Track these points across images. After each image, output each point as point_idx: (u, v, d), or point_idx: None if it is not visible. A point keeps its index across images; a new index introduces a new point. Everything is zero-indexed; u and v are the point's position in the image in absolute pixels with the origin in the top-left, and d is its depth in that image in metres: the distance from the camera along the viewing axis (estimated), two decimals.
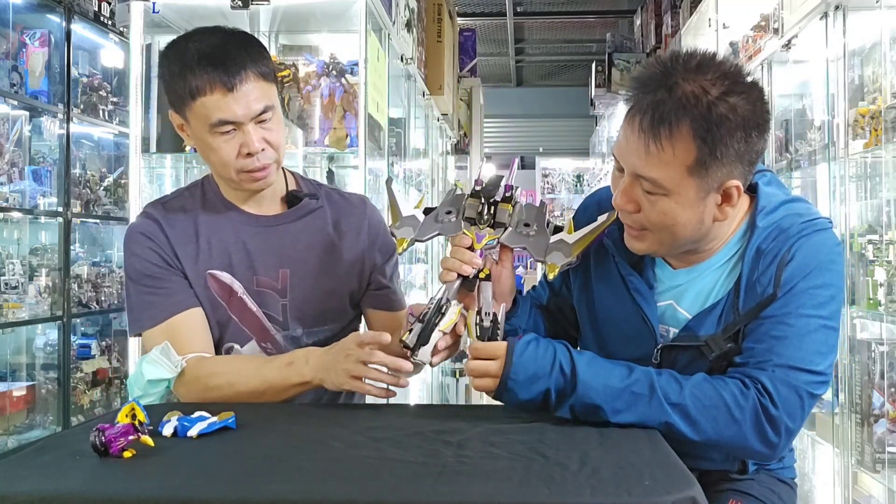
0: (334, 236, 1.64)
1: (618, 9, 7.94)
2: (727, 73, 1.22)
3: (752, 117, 1.22)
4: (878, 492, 2.55)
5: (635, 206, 1.27)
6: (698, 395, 1.20)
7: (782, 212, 1.31)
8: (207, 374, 1.48)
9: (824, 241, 1.29)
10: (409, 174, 3.92)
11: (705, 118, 1.19)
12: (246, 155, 1.48)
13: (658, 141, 1.20)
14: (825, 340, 1.25)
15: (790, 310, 1.24)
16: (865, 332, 2.68)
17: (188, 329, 1.53)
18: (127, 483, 1.00)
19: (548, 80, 11.13)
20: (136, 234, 1.57)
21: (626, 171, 1.27)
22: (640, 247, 1.32)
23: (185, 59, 1.46)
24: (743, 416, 1.20)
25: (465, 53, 6.26)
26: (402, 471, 1.02)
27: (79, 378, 3.69)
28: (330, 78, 2.47)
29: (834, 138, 2.74)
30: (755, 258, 1.28)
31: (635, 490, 0.94)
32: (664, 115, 1.19)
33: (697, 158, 1.20)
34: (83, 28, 3.75)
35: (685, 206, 1.24)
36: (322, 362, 1.42)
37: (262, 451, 1.13)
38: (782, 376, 1.21)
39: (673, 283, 1.37)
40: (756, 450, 1.23)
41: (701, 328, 1.31)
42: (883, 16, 2.58)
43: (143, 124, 2.47)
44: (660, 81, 1.22)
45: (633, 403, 1.20)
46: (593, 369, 1.23)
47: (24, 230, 3.54)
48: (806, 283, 1.25)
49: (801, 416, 1.23)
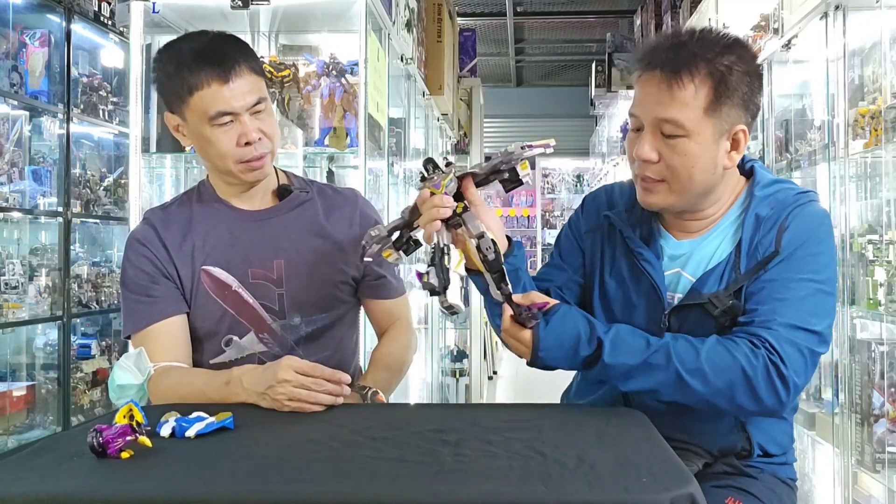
0: (326, 225, 1.68)
1: (618, 9, 7.94)
2: (725, 37, 1.41)
3: (752, 67, 1.40)
4: (878, 492, 2.54)
5: (657, 154, 1.39)
6: (714, 358, 1.30)
7: (776, 187, 1.47)
8: (165, 386, 1.52)
9: (816, 211, 1.44)
10: (409, 174, 3.92)
11: (717, 64, 1.36)
12: (244, 144, 1.54)
13: (680, 81, 1.35)
14: (822, 304, 1.37)
15: (790, 274, 1.37)
16: (865, 332, 2.68)
17: (165, 337, 1.57)
18: (125, 484, 1.00)
19: (548, 80, 11.12)
20: (133, 240, 1.64)
21: (646, 122, 1.39)
22: (654, 200, 1.43)
23: (180, 59, 1.51)
24: (755, 374, 1.29)
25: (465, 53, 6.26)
26: (400, 470, 1.02)
27: (79, 378, 3.69)
28: (330, 78, 2.47)
29: (834, 138, 2.74)
30: (756, 223, 1.42)
31: (633, 487, 0.94)
32: (683, 61, 1.36)
33: (714, 98, 1.36)
34: (83, 28, 3.75)
35: (703, 147, 1.37)
36: (255, 384, 1.41)
37: (259, 452, 1.13)
38: (786, 335, 1.32)
39: (678, 253, 1.49)
40: (768, 405, 1.32)
41: (704, 287, 1.42)
42: (883, 16, 2.58)
43: (143, 124, 2.47)
44: (672, 44, 1.39)
45: (651, 374, 1.32)
46: (615, 349, 1.33)
47: (24, 230, 3.55)
48: (804, 250, 1.38)
49: (805, 372, 1.33)
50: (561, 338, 1.35)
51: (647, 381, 1.32)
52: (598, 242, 1.57)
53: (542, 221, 11.03)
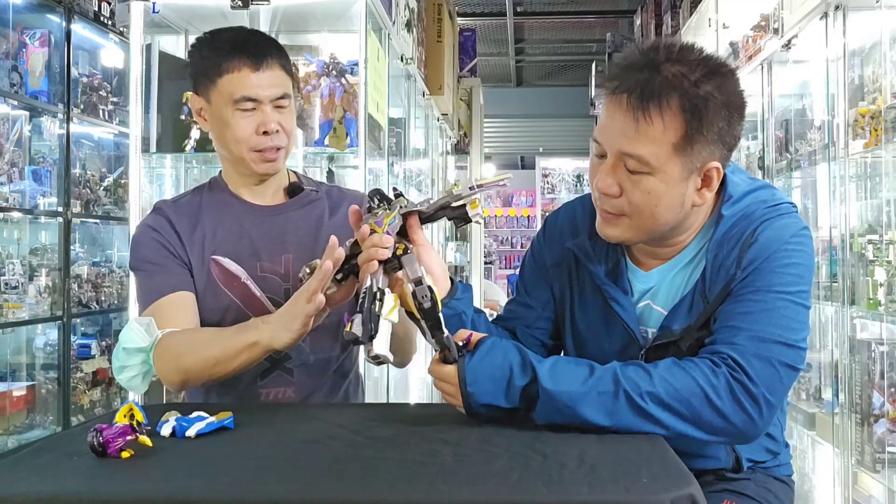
0: (333, 222, 1.69)
1: (618, 9, 7.94)
2: (706, 59, 1.26)
3: (734, 99, 1.25)
4: (878, 492, 2.54)
5: (618, 188, 1.26)
6: (668, 378, 1.18)
7: (748, 200, 1.33)
8: (176, 342, 1.51)
9: (788, 224, 1.30)
10: (409, 174, 3.92)
11: (692, 95, 1.21)
12: (262, 133, 1.57)
13: (648, 115, 1.21)
14: (794, 316, 1.24)
15: (755, 287, 1.25)
16: (865, 332, 2.68)
17: (173, 308, 1.57)
18: (125, 483, 0.99)
19: (548, 80, 11.13)
20: (146, 227, 1.65)
21: (609, 152, 1.27)
22: (613, 233, 1.32)
23: (216, 44, 1.59)
24: (718, 394, 1.17)
25: (465, 53, 6.27)
26: (400, 470, 1.02)
27: (79, 378, 3.69)
28: (330, 78, 2.47)
29: (834, 138, 2.74)
30: (718, 245, 1.30)
31: (633, 487, 0.94)
32: (653, 90, 1.21)
33: (685, 134, 1.22)
34: (83, 28, 3.75)
35: (669, 186, 1.25)
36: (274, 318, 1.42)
37: (260, 451, 1.13)
38: (753, 349, 1.20)
39: (647, 285, 1.38)
40: (738, 426, 1.19)
41: (675, 322, 1.32)
42: (883, 16, 2.58)
43: (143, 124, 2.47)
44: (645, 64, 1.24)
45: (600, 404, 1.17)
46: (555, 376, 1.19)
47: (24, 230, 3.55)
48: (770, 264, 1.26)
49: (780, 388, 1.21)
50: (490, 368, 1.21)
51: (597, 411, 1.17)
52: (565, 277, 1.46)
53: (542, 221, 11.03)
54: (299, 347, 1.60)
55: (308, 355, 1.62)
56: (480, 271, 6.90)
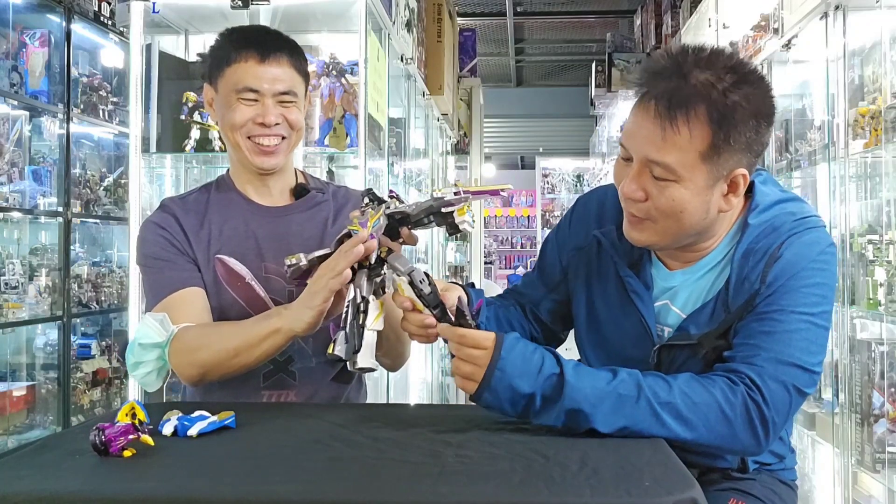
0: (337, 225, 1.68)
1: (618, 9, 7.94)
2: (736, 65, 1.25)
3: (763, 108, 1.25)
4: (878, 492, 2.54)
5: (644, 194, 1.27)
6: (688, 392, 1.19)
7: (775, 210, 1.33)
8: (193, 336, 1.51)
9: (816, 240, 1.29)
10: (409, 174, 3.92)
11: (720, 104, 1.21)
12: (259, 124, 1.58)
13: (675, 124, 1.21)
14: (815, 339, 1.25)
15: (779, 307, 1.25)
16: (865, 332, 2.68)
17: (186, 304, 1.57)
18: (127, 482, 0.99)
19: (548, 80, 11.13)
20: (152, 224, 1.65)
21: (635, 158, 1.27)
22: (639, 237, 1.32)
23: (232, 37, 1.62)
24: (734, 413, 1.19)
25: (465, 53, 6.27)
26: (401, 471, 1.02)
27: (79, 378, 3.69)
28: (330, 78, 2.47)
29: (834, 138, 2.74)
30: (744, 256, 1.29)
31: (635, 490, 0.94)
32: (681, 99, 1.21)
33: (711, 143, 1.22)
34: (83, 28, 3.75)
35: (694, 193, 1.25)
36: (294, 302, 1.42)
37: (261, 451, 1.13)
38: (771, 371, 1.21)
39: (669, 284, 1.38)
40: (745, 445, 1.22)
41: (694, 327, 1.32)
42: (883, 16, 2.58)
43: (143, 124, 2.47)
44: (673, 71, 1.24)
45: (620, 406, 1.17)
46: (579, 373, 1.19)
47: (24, 230, 3.54)
48: (796, 282, 1.25)
49: (787, 412, 1.23)
50: (525, 350, 1.20)
51: (618, 416, 1.16)
52: (584, 262, 1.46)
53: (542, 221, 11.04)
54: (302, 350, 1.60)
55: (310, 358, 1.62)
56: (480, 271, 6.91)
